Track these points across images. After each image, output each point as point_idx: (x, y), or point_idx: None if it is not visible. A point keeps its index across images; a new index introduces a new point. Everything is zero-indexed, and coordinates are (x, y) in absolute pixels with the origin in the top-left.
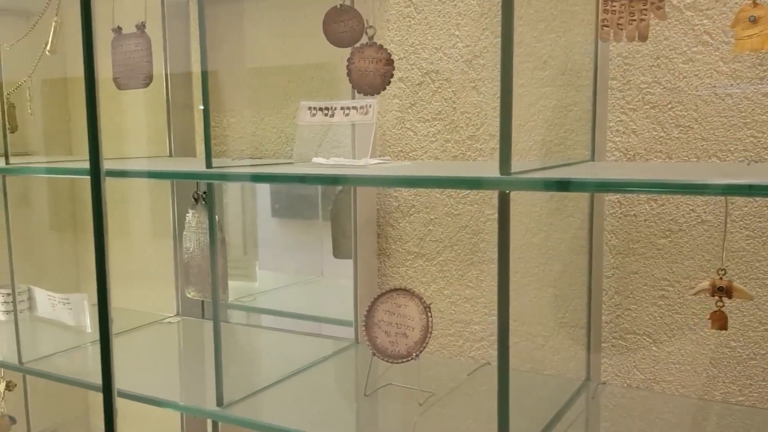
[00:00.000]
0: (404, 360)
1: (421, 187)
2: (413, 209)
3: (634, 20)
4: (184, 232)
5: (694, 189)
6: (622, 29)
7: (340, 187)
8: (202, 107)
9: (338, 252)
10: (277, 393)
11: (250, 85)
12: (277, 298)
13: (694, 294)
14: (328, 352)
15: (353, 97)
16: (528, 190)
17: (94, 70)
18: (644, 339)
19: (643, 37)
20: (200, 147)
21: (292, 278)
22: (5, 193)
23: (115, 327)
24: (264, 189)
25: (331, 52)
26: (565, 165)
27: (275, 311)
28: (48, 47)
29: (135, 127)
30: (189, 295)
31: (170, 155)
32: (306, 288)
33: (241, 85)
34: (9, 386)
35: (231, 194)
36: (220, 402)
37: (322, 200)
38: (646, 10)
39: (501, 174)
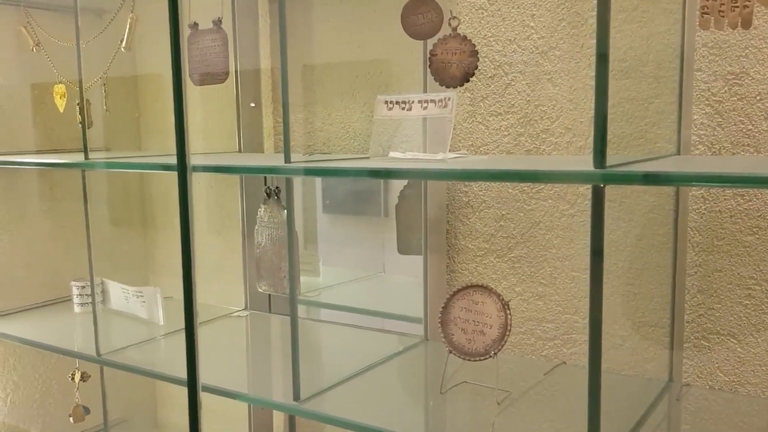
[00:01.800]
0: (482, 358)
1: (515, 181)
2: (484, 204)
3: (737, 7)
4: (256, 227)
5: None
6: (723, 16)
7: (405, 182)
8: (253, 105)
9: (403, 247)
10: (350, 388)
11: (317, 80)
12: (341, 293)
13: None
14: (398, 349)
15: (425, 91)
16: (625, 184)
17: (181, 65)
18: (728, 339)
19: (746, 24)
20: (267, 143)
21: (354, 273)
22: (84, 188)
23: None
24: (323, 185)
25: (401, 47)
26: (651, 159)
27: (343, 306)
28: (123, 44)
29: (203, 122)
30: (260, 290)
31: (239, 151)
32: (368, 283)
33: (308, 80)
34: (83, 377)
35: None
36: (296, 396)
37: (384, 195)
38: None
39: (595, 167)
